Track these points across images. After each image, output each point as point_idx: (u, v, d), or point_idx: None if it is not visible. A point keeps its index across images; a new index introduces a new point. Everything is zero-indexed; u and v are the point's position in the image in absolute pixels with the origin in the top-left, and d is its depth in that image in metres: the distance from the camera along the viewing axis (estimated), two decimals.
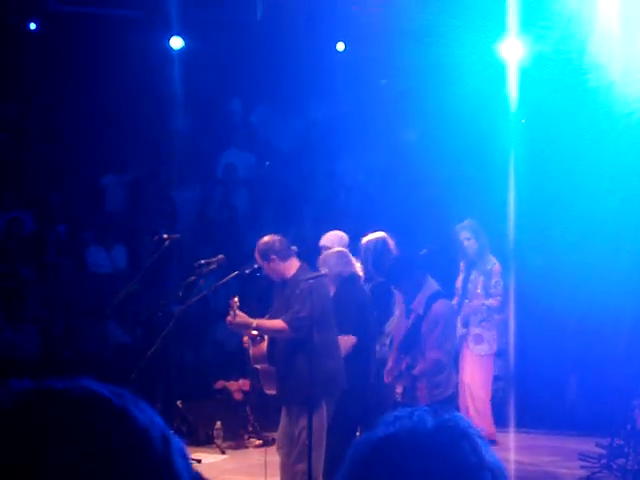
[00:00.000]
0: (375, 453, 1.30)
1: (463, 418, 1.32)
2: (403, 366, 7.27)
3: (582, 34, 10.64)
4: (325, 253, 7.88)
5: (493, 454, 1.30)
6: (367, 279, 8.32)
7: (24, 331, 11.08)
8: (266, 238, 7.15)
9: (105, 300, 10.47)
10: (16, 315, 11.12)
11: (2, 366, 10.14)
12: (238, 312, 6.87)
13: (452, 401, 7.58)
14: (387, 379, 7.53)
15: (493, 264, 9.61)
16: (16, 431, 1.08)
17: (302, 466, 6.95)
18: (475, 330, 9.57)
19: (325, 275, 7.50)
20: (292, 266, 7.04)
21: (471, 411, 9.37)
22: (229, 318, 6.89)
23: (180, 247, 10.74)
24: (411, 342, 7.22)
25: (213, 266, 7.63)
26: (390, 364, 7.53)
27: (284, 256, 7.03)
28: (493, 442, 9.59)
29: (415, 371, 7.19)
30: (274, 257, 6.98)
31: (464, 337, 9.52)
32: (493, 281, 9.57)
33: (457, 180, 11.66)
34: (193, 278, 7.88)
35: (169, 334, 7.81)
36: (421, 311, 7.25)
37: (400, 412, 1.35)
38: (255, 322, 6.92)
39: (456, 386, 7.83)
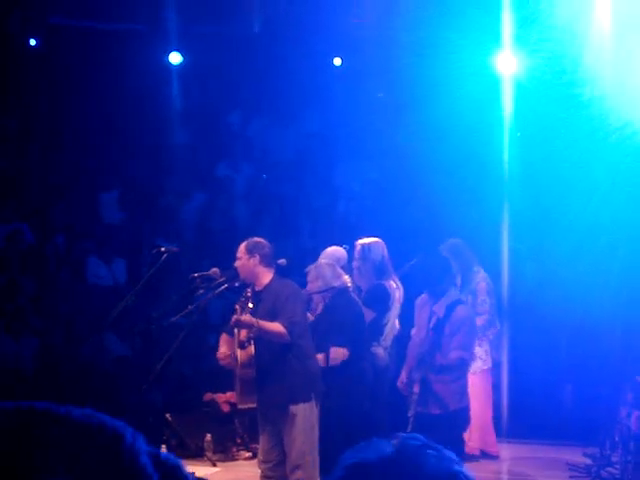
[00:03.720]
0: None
1: (413, 437, 1.35)
2: (421, 366, 7.21)
3: (575, 47, 10.73)
4: (317, 266, 7.96)
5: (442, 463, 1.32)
6: (359, 281, 8.43)
7: (23, 342, 11.12)
8: (260, 239, 7.30)
9: (105, 312, 10.53)
10: (15, 326, 11.17)
11: (1, 377, 10.19)
12: (247, 312, 6.92)
13: (467, 412, 7.55)
14: (400, 387, 7.54)
15: (478, 282, 9.57)
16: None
17: (300, 473, 7.02)
18: None
19: (346, 288, 7.69)
20: (268, 275, 7.13)
21: (473, 428, 9.19)
22: (237, 315, 6.92)
23: (179, 259, 10.82)
24: (434, 343, 7.22)
25: (221, 280, 7.56)
26: (403, 374, 7.52)
27: (267, 263, 7.14)
28: (496, 457, 9.64)
29: (439, 362, 7.13)
30: (259, 257, 7.08)
31: None
32: (479, 299, 9.56)
33: (453, 191, 11.73)
34: (197, 289, 7.92)
35: (164, 346, 7.86)
36: (441, 315, 7.26)
37: (359, 445, 1.38)
38: (258, 322, 6.93)
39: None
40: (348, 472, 1.35)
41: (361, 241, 8.59)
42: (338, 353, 7.74)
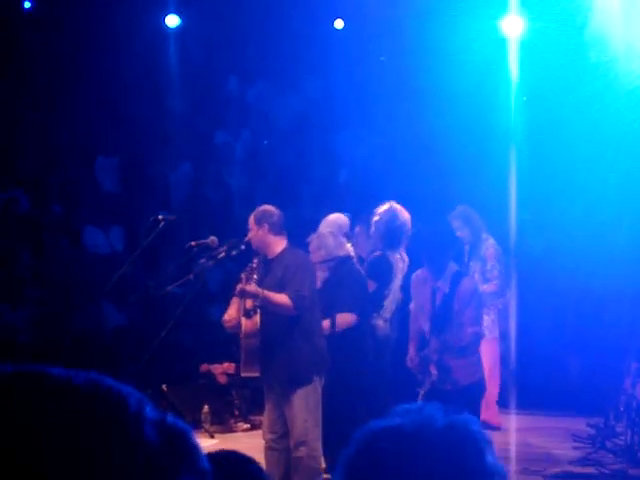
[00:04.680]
0: (380, 441, 1.32)
1: (474, 421, 1.33)
2: (434, 346, 7.06)
3: (583, 9, 10.53)
4: (319, 235, 7.85)
5: (496, 460, 1.31)
6: (370, 253, 8.33)
7: (20, 311, 11.06)
8: (268, 207, 7.16)
9: (102, 281, 10.42)
10: (13, 295, 11.11)
11: None
12: (253, 282, 6.78)
13: (483, 385, 7.41)
14: (411, 365, 7.36)
15: (487, 249, 9.51)
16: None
17: (304, 450, 6.93)
18: None
19: (349, 257, 7.58)
20: (280, 244, 7.01)
21: None
22: (242, 284, 6.80)
23: (177, 227, 10.67)
24: (444, 321, 7.05)
25: (222, 250, 7.44)
26: (411, 352, 7.37)
27: (277, 231, 7.02)
28: (497, 428, 9.58)
29: (459, 344, 6.98)
30: (267, 226, 6.96)
31: None
32: (489, 265, 9.47)
33: (458, 157, 11.56)
34: (195, 257, 7.82)
35: (161, 316, 7.75)
36: (447, 290, 7.08)
37: (411, 405, 1.37)
38: (263, 293, 6.81)
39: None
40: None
41: (379, 209, 8.47)
42: (345, 318, 7.66)
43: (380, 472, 1.31)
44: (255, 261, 6.99)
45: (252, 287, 6.77)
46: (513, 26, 11.46)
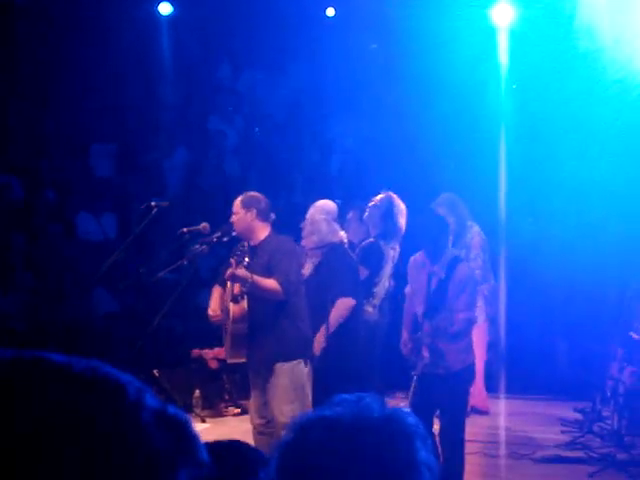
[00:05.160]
0: (315, 429, 1.34)
1: (411, 415, 1.35)
2: (427, 329, 7.11)
3: None
4: (313, 221, 7.87)
5: (430, 454, 1.34)
6: (362, 239, 8.38)
7: (13, 298, 11.08)
8: (255, 193, 7.15)
9: (95, 268, 10.45)
10: (6, 282, 11.12)
11: None
12: (243, 266, 6.74)
13: (473, 370, 7.45)
14: (405, 351, 7.34)
15: (472, 237, 9.48)
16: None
17: None
18: None
19: (341, 244, 7.62)
20: (265, 230, 7.00)
21: None
22: (231, 269, 6.75)
23: (170, 214, 10.71)
24: (438, 305, 7.11)
25: (216, 236, 7.41)
26: (405, 336, 7.36)
27: (263, 217, 7.00)
28: (486, 413, 9.66)
29: (451, 330, 7.01)
30: (255, 212, 6.94)
31: None
32: (473, 254, 9.45)
33: (448, 145, 11.63)
34: (187, 244, 7.83)
35: (153, 302, 7.79)
36: (443, 275, 7.12)
37: (348, 396, 1.39)
38: (252, 277, 6.76)
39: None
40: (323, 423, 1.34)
41: (375, 198, 8.53)
42: (347, 302, 7.69)
43: (312, 460, 1.33)
44: (245, 244, 6.95)
45: (242, 271, 6.72)
46: (503, 14, 11.52)
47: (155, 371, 9.81)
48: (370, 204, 8.52)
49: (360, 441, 1.30)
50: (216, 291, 7.19)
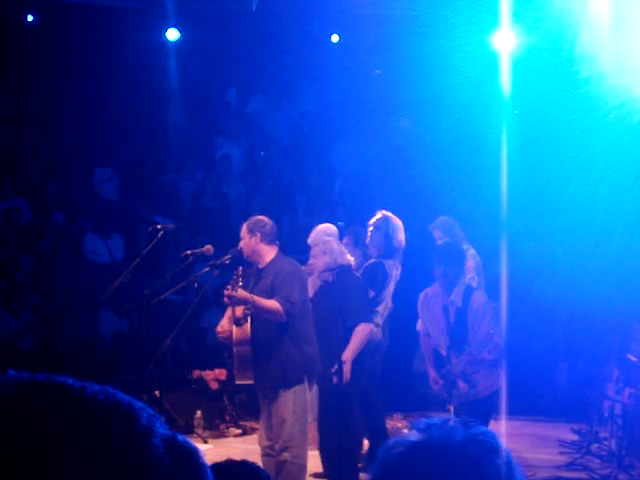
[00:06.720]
0: (406, 458, 1.32)
1: (495, 435, 1.34)
2: (455, 361, 7.02)
3: (573, 25, 10.68)
4: (325, 242, 7.89)
5: (522, 474, 1.34)
6: (362, 262, 8.44)
7: (22, 318, 11.16)
8: (261, 217, 7.23)
9: (102, 289, 10.55)
10: (14, 303, 11.20)
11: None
12: (238, 288, 6.78)
13: (499, 393, 7.44)
14: (436, 388, 7.34)
15: (467, 260, 9.50)
16: (9, 424, 1.01)
17: (286, 455, 6.98)
18: None
19: (349, 266, 7.67)
20: (271, 252, 7.06)
21: None
22: (228, 291, 6.78)
23: (176, 236, 10.83)
24: (462, 336, 7.01)
25: (227, 258, 7.41)
26: (433, 374, 7.32)
27: (269, 240, 7.06)
28: None
29: (488, 357, 6.98)
30: (260, 235, 7.01)
31: None
32: (468, 277, 9.50)
33: (450, 169, 11.73)
34: (190, 266, 7.87)
35: (157, 323, 7.85)
36: (460, 304, 7.08)
37: (432, 420, 1.37)
38: (253, 298, 6.81)
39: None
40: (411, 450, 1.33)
41: (376, 216, 8.59)
42: (366, 329, 7.71)
43: None
44: (240, 269, 6.98)
45: (241, 293, 6.78)
46: (504, 41, 11.63)
47: (156, 392, 9.85)
48: (369, 228, 8.58)
49: (450, 465, 1.30)
50: (229, 310, 7.21)
